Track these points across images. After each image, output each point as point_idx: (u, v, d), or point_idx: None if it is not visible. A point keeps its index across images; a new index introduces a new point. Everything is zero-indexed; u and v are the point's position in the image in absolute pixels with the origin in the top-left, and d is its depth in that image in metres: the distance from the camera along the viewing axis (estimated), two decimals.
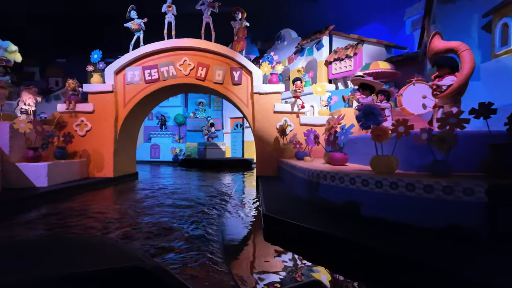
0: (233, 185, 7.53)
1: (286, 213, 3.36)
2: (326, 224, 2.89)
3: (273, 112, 7.61)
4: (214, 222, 3.86)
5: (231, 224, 3.97)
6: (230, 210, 4.71)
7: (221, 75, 7.74)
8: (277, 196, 4.64)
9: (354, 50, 10.38)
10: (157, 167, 13.42)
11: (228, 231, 3.64)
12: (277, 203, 4.07)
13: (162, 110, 16.73)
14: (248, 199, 5.68)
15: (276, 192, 5.07)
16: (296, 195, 4.59)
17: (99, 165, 7.61)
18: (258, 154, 7.62)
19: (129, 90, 7.86)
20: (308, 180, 4.00)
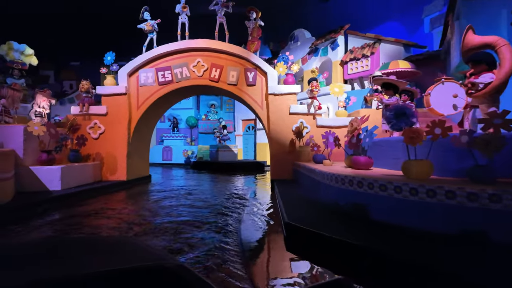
0: (248, 189, 7.32)
1: (309, 221, 3.13)
2: (355, 234, 2.64)
3: (288, 113, 7.38)
4: (232, 229, 3.66)
5: (250, 232, 3.75)
6: (248, 216, 4.49)
7: (235, 76, 7.56)
8: (296, 201, 4.41)
9: (371, 49, 10.07)
10: (169, 170, 13.35)
11: (247, 239, 3.43)
12: (297, 209, 3.84)
13: (174, 112, 16.70)
14: (265, 204, 5.45)
15: (294, 197, 4.83)
16: (317, 200, 4.34)
17: (112, 168, 7.53)
18: (273, 157, 7.40)
19: (142, 92, 7.76)
20: (342, 189, 3.74)
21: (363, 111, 7.28)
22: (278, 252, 3.17)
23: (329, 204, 3.88)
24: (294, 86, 7.38)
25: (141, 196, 6.37)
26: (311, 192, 5.01)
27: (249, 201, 5.59)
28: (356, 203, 3.31)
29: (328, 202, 3.94)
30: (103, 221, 4.16)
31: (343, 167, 4.90)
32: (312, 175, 5.04)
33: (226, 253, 2.83)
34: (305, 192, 5.27)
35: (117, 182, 7.31)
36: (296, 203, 4.28)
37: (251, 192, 6.81)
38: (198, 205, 5.16)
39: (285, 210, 3.69)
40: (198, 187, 7.56)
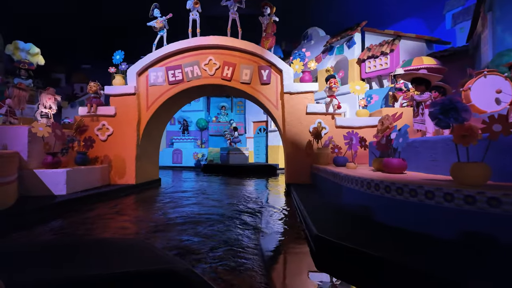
0: (262, 193, 6.89)
1: (343, 234, 2.68)
2: (407, 253, 2.19)
3: (305, 113, 6.94)
4: (250, 241, 3.24)
5: (271, 244, 3.32)
6: (266, 225, 4.07)
7: (249, 74, 7.18)
8: (321, 209, 3.96)
9: (390, 46, 9.56)
10: (179, 173, 13.04)
11: (269, 254, 3.00)
12: (325, 219, 3.40)
13: (184, 114, 16.44)
14: (283, 211, 5.01)
15: (317, 203, 4.39)
16: (343, 208, 3.89)
17: (121, 171, 7.21)
18: (289, 160, 6.96)
19: (152, 92, 7.45)
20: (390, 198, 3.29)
21: (386, 110, 6.80)
22: (306, 270, 2.73)
23: (358, 213, 3.43)
24: (311, 84, 6.95)
25: (149, 203, 6.01)
26: (334, 198, 4.56)
27: (265, 208, 5.16)
28: (395, 212, 2.85)
29: (357, 210, 3.49)
30: (107, 230, 3.81)
31: (371, 171, 4.44)
32: (335, 179, 4.59)
33: (246, 272, 2.41)
34: (327, 198, 4.81)
35: (125, 186, 6.99)
36: (321, 211, 3.83)
37: (266, 197, 6.38)
38: (210, 212, 4.77)
39: (311, 220, 3.25)
40: (209, 192, 7.18)
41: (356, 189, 3.60)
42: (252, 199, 6.09)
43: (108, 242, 1.66)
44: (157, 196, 6.65)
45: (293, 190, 6.13)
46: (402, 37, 9.57)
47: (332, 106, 6.82)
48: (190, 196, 6.42)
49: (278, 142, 13.75)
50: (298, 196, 5.03)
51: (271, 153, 14.15)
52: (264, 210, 5.01)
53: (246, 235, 3.48)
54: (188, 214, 4.58)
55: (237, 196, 6.41)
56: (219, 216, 4.43)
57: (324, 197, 4.95)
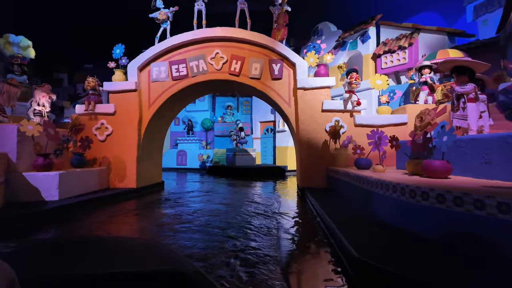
0: (273, 199, 6.30)
1: (386, 255, 2.09)
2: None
3: (321, 110, 6.34)
4: (270, 262, 2.65)
5: (295, 267, 2.73)
6: (285, 241, 3.47)
7: (258, 68, 6.60)
8: (348, 220, 3.35)
9: (408, 40, 8.93)
10: (183, 175, 12.50)
11: (296, 279, 2.41)
12: (355, 232, 2.80)
13: (189, 114, 15.93)
14: (302, 222, 4.42)
15: (341, 213, 3.78)
16: (376, 219, 3.29)
17: (121, 174, 6.68)
18: (303, 162, 6.36)
19: (154, 88, 6.91)
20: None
21: (411, 108, 6.19)
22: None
23: (397, 226, 2.83)
24: (328, 78, 6.35)
25: (150, 209, 5.45)
26: (361, 205, 3.96)
27: (281, 217, 4.56)
28: (446, 226, 2.26)
29: (395, 222, 2.89)
30: None
31: (404, 174, 3.84)
32: (362, 184, 3.99)
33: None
34: (351, 205, 4.21)
35: (125, 190, 6.44)
36: (351, 223, 3.23)
37: (278, 203, 5.79)
38: (219, 225, 4.20)
39: (344, 236, 2.65)
40: (216, 196, 6.61)
41: (394, 198, 3.00)
42: (264, 205, 5.50)
43: (120, 241, 1.68)
44: (160, 202, 6.10)
45: (309, 196, 5.53)
46: (421, 30, 8.93)
47: (350, 102, 6.21)
48: (196, 202, 5.85)
49: (286, 143, 13.16)
50: (319, 204, 4.43)
51: (279, 155, 13.55)
52: (281, 219, 4.41)
53: (265, 253, 2.89)
54: (194, 223, 4.02)
55: (247, 202, 5.83)
56: (229, 226, 3.85)
57: (347, 204, 4.35)
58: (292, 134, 7.59)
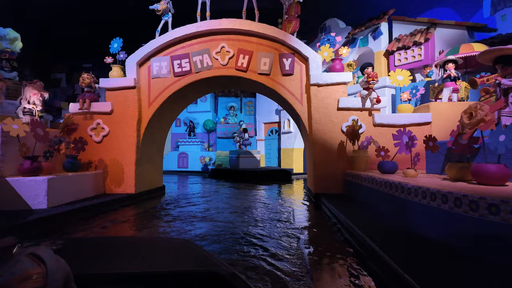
0: (285, 206, 5.76)
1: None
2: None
3: (336, 109, 5.82)
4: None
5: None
6: (315, 263, 2.93)
7: (268, 63, 6.08)
8: (388, 237, 2.81)
9: (424, 35, 8.41)
10: (185, 178, 11.96)
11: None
12: (411, 258, 2.25)
13: (190, 116, 15.41)
14: (327, 237, 3.88)
15: (373, 226, 3.25)
16: (418, 234, 2.74)
17: (118, 178, 6.14)
18: (317, 166, 5.81)
19: (155, 85, 6.39)
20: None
21: (435, 106, 5.66)
22: None
23: (448, 243, 2.29)
24: (344, 74, 5.82)
25: (150, 218, 4.91)
26: (392, 216, 3.43)
27: (301, 233, 4.02)
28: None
29: (452, 242, 2.34)
30: None
31: (445, 180, 3.30)
32: (394, 192, 3.45)
33: None
34: (381, 216, 3.67)
35: (123, 196, 5.90)
36: (393, 241, 2.68)
37: (291, 212, 5.25)
38: (228, 233, 3.66)
39: (398, 265, 2.10)
40: (221, 203, 6.07)
41: (445, 210, 2.46)
42: (277, 215, 4.96)
43: (156, 241, 1.71)
44: (161, 209, 5.55)
45: (326, 203, 4.99)
46: (438, 24, 8.42)
47: (369, 100, 5.69)
48: (199, 212, 5.31)
49: (292, 144, 12.63)
50: (343, 214, 3.89)
51: (284, 157, 13.01)
52: (301, 235, 3.87)
53: (287, 276, 2.35)
54: (200, 236, 3.48)
55: (256, 211, 5.29)
56: (238, 243, 3.31)
57: (373, 214, 3.81)
58: (303, 135, 7.06)
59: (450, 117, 5.53)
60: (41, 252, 0.61)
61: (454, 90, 5.85)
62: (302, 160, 12.63)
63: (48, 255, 0.62)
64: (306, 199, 6.44)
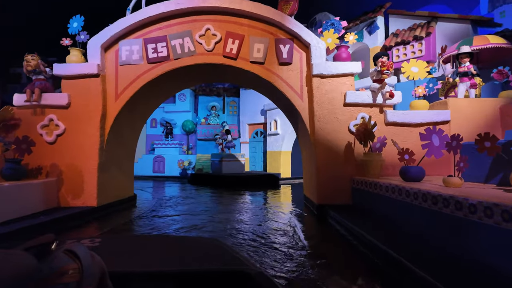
0: (283, 219, 4.80)
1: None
2: None
3: (343, 104, 4.96)
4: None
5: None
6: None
7: (262, 50, 5.13)
8: (458, 275, 1.93)
9: (426, 29, 7.81)
10: (161, 184, 10.74)
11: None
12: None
13: (167, 116, 14.15)
14: (342, 259, 2.95)
15: (426, 255, 2.37)
16: (496, 269, 1.89)
17: (77, 187, 4.94)
18: (321, 171, 4.91)
19: (124, 73, 5.26)
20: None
21: (454, 102, 4.94)
22: None
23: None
24: (352, 63, 4.99)
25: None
26: (440, 240, 2.57)
27: (310, 260, 3.07)
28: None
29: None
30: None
31: (508, 192, 2.48)
32: (443, 208, 2.58)
33: None
34: (420, 237, 2.81)
35: (82, 210, 4.71)
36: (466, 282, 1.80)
37: (292, 227, 4.30)
38: None
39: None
40: (205, 217, 5.02)
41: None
42: (275, 234, 3.99)
43: (185, 240, 1.68)
44: (130, 226, 4.43)
45: (337, 218, 4.09)
46: (439, 18, 7.85)
47: (381, 94, 4.88)
48: (178, 227, 4.24)
49: (279, 147, 11.73)
50: (374, 237, 2.98)
51: (271, 161, 12.08)
52: (309, 261, 2.92)
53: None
54: None
55: (248, 228, 4.30)
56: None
57: (403, 232, 2.94)
58: (300, 135, 6.15)
59: (470, 115, 4.83)
60: (76, 249, 0.63)
61: (472, 85, 5.16)
62: (290, 164, 11.76)
63: (83, 251, 0.63)
64: (305, 210, 5.52)
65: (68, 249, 0.62)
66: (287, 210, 5.60)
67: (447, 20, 7.77)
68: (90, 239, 1.33)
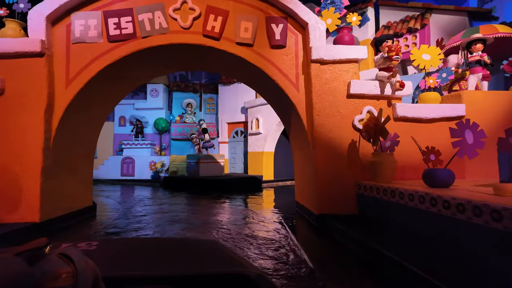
0: (278, 234, 3.97)
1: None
2: None
3: (346, 96, 4.22)
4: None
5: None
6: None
7: (250, 29, 4.28)
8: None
9: (420, 21, 7.32)
10: (130, 190, 9.57)
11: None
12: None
13: (138, 113, 12.88)
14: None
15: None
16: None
17: (11, 199, 3.83)
18: (320, 174, 4.13)
19: (77, 54, 4.20)
20: None
21: (469, 95, 4.36)
22: None
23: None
24: (357, 48, 4.26)
25: None
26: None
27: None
28: None
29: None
30: None
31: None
32: (507, 226, 1.86)
33: None
34: (470, 265, 2.08)
35: (19, 227, 3.62)
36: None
37: (294, 249, 3.48)
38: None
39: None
40: (178, 232, 4.08)
41: None
42: (274, 256, 3.15)
43: (183, 242, 1.62)
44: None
45: (348, 234, 3.31)
46: (434, 10, 7.39)
47: (390, 84, 4.19)
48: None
49: (261, 147, 10.91)
50: (420, 267, 2.21)
51: (252, 162, 11.22)
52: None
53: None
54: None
55: (237, 244, 3.42)
56: None
57: (446, 256, 2.21)
58: (293, 132, 5.35)
59: (487, 109, 4.26)
60: (70, 252, 0.62)
61: (484, 77, 4.61)
62: (273, 166, 10.98)
63: (76, 255, 0.62)
64: (300, 220, 4.73)
65: (62, 253, 0.61)
66: (278, 220, 4.76)
67: (442, 12, 7.33)
68: (87, 242, 1.25)
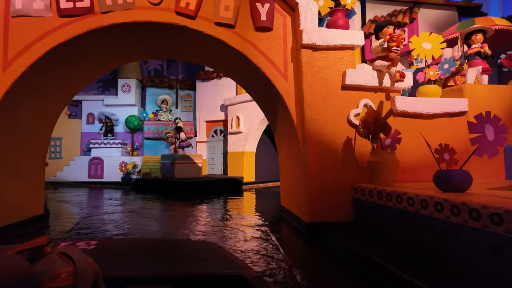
0: (270, 255, 3.39)
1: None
2: None
3: (341, 87, 3.72)
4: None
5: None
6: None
7: (232, 8, 3.68)
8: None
9: (409, 15, 7.01)
10: (97, 193, 8.67)
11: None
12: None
13: (107, 110, 11.91)
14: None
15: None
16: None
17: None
18: (311, 176, 3.59)
19: (19, 30, 3.43)
20: None
21: (471, 88, 3.99)
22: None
23: None
24: (353, 33, 3.77)
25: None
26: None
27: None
28: None
29: None
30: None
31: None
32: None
33: None
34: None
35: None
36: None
37: (276, 248, 2.92)
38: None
39: None
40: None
41: None
42: (255, 265, 2.56)
43: (180, 243, 1.61)
44: None
45: (348, 247, 2.78)
46: (422, 4, 7.12)
47: (388, 75, 3.74)
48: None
49: (241, 147, 10.31)
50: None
51: (232, 163, 10.59)
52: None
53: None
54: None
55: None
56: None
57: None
58: (278, 130, 4.79)
59: (489, 104, 3.90)
60: (70, 252, 0.62)
61: (484, 70, 4.29)
62: (254, 167, 10.41)
63: (77, 254, 0.63)
64: (286, 228, 4.18)
65: (63, 252, 0.61)
66: (262, 229, 4.18)
67: (431, 6, 7.08)
68: (86, 241, 1.25)
